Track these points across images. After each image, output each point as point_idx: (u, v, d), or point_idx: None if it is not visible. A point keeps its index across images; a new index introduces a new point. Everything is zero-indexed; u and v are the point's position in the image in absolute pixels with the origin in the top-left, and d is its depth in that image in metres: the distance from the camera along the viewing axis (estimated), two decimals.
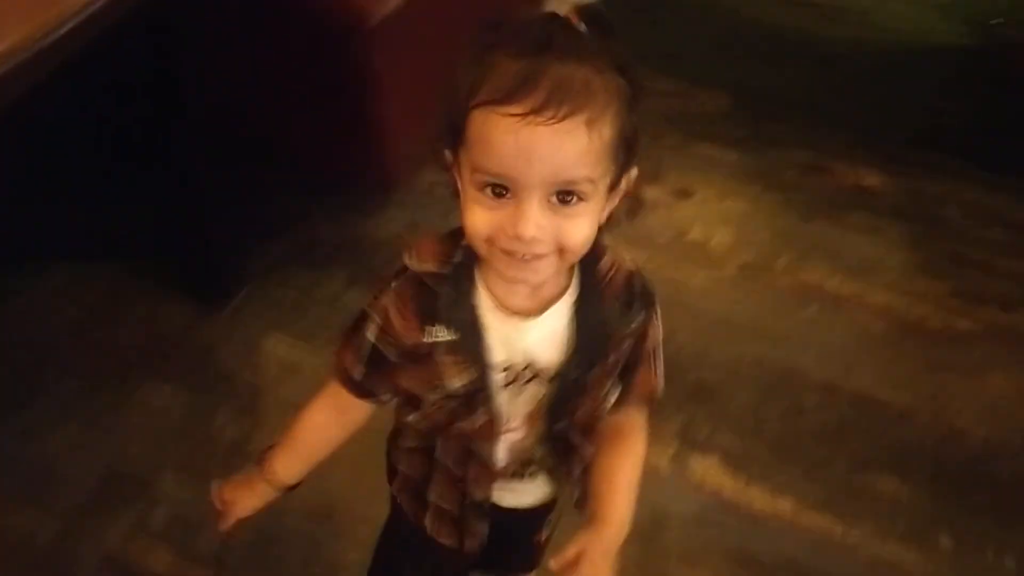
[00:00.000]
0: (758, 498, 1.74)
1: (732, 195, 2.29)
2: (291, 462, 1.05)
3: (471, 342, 0.89)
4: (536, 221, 0.77)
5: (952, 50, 2.76)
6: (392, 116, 2.01)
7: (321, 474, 1.08)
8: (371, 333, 0.93)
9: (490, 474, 1.01)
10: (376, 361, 0.94)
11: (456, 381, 0.90)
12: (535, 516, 1.14)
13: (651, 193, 2.26)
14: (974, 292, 2.11)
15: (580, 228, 0.80)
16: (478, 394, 0.91)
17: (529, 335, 0.90)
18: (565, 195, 0.78)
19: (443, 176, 0.86)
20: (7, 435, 1.76)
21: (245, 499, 1.08)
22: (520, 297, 0.89)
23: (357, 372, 0.96)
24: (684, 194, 2.27)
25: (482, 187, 0.78)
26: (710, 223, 2.22)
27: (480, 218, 0.79)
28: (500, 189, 0.78)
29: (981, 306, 2.08)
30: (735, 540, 1.69)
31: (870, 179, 2.35)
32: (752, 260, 2.15)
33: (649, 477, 1.79)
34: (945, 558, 1.68)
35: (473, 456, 0.99)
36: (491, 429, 0.95)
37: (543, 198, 0.77)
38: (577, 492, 1.05)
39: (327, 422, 1.04)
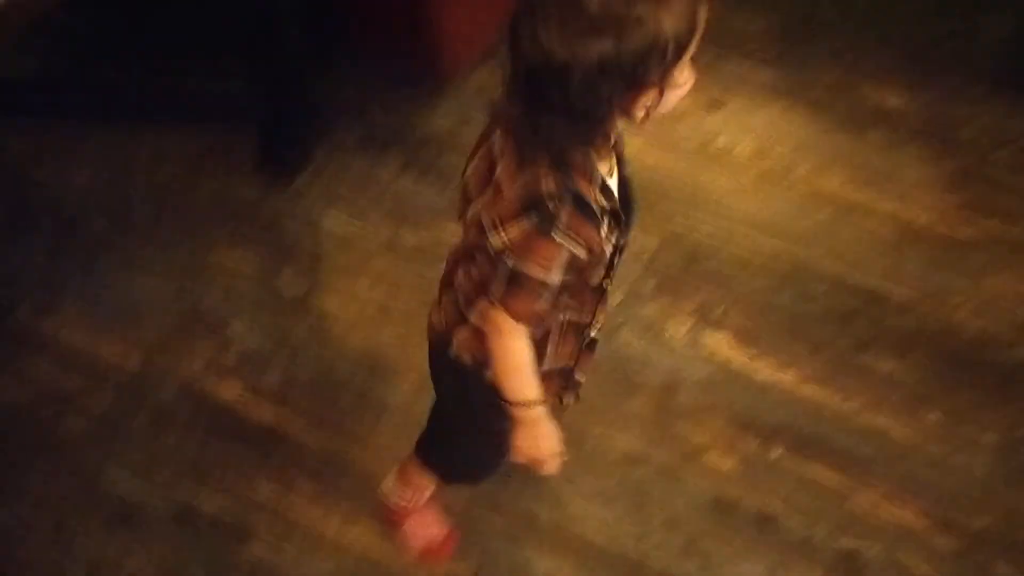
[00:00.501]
0: (763, 370, 1.92)
1: (759, 109, 2.43)
2: (535, 386, 1.21)
3: (617, 215, 1.11)
4: None
5: None
6: (448, 17, 2.19)
7: (374, 328, 1.26)
8: (555, 277, 1.04)
9: (605, 306, 1.27)
10: (560, 290, 1.08)
11: (610, 249, 1.12)
12: None
13: (682, 103, 2.40)
14: (980, 205, 2.22)
15: None
16: (618, 249, 1.16)
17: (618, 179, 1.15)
18: None
19: (492, 80, 1.04)
20: (94, 275, 1.99)
21: (545, 434, 1.26)
22: (609, 160, 1.11)
23: (542, 308, 1.09)
24: (714, 105, 2.41)
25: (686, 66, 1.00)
26: (736, 133, 2.36)
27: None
28: None
29: (985, 218, 2.20)
30: (739, 406, 1.87)
31: (894, 99, 2.46)
32: (772, 167, 2.29)
33: (665, 347, 1.97)
34: (931, 430, 1.85)
35: (603, 297, 1.23)
36: (613, 269, 1.20)
37: None
38: None
39: (528, 348, 1.18)
